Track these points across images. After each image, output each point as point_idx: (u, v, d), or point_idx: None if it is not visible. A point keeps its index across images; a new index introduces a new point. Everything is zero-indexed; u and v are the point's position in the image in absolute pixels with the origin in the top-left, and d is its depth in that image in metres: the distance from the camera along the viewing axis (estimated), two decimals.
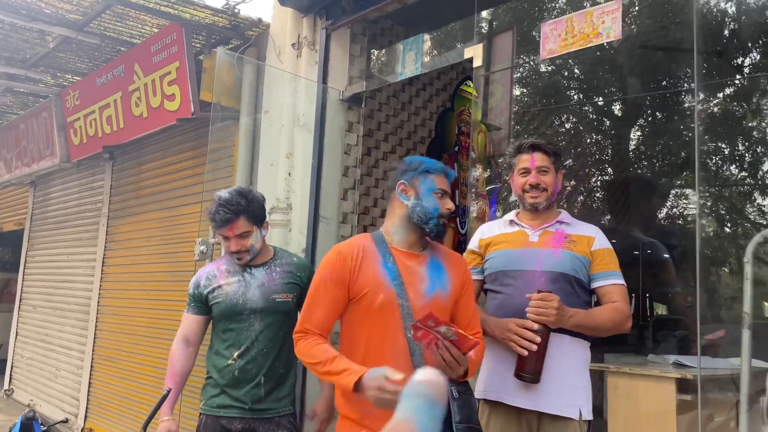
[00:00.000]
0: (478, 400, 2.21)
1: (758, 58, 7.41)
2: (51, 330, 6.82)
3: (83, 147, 5.78)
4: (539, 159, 2.21)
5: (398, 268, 1.92)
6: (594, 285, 2.15)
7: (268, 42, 4.17)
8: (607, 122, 9.18)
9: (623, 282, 2.16)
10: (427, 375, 1.00)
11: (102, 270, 6.00)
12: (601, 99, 8.44)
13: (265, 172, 3.96)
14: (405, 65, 3.42)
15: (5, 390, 7.43)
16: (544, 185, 2.19)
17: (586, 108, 8.78)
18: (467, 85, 5.00)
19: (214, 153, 4.29)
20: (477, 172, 4.56)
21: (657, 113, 8.48)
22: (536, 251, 2.16)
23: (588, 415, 2.10)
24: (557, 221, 2.23)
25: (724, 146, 8.73)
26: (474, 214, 4.28)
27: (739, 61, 7.36)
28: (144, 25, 4.44)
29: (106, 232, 6.03)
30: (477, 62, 3.07)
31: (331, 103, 3.80)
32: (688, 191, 8.78)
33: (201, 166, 4.67)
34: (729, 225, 9.53)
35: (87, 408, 5.88)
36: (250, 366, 2.41)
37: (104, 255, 6.01)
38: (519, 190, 2.26)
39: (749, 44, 7.08)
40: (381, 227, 2.03)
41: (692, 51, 2.73)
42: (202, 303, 2.50)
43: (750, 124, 8.33)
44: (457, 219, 4.77)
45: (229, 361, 2.41)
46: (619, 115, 8.93)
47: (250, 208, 2.43)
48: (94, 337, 5.94)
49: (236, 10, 4.09)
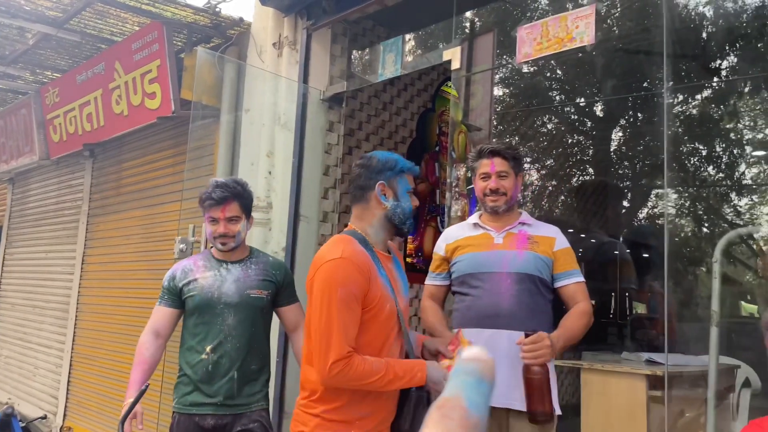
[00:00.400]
0: None
1: (735, 61, 7.55)
2: (29, 328, 6.76)
3: (63, 144, 5.74)
4: (499, 164, 2.26)
5: (386, 272, 1.92)
6: (557, 284, 2.23)
7: (249, 41, 4.18)
8: (588, 123, 9.30)
9: (583, 279, 2.25)
10: (474, 352, 0.99)
11: (82, 268, 5.97)
12: (582, 100, 8.54)
13: (245, 171, 3.97)
14: (385, 66, 3.45)
15: None
16: (503, 190, 2.25)
17: (567, 109, 8.88)
18: (448, 85, 5.05)
19: (194, 151, 4.29)
20: (458, 172, 4.61)
21: (638, 114, 8.61)
22: (502, 253, 2.22)
23: (557, 409, 2.13)
24: (519, 222, 2.30)
25: (702, 147, 8.89)
26: (457, 214, 4.33)
27: (716, 64, 7.50)
28: (125, 22, 4.42)
29: (86, 230, 5.99)
30: (455, 65, 3.12)
31: (311, 102, 3.83)
32: (668, 191, 8.92)
33: (181, 164, 4.67)
34: (707, 225, 9.70)
35: (66, 406, 5.85)
36: (224, 360, 2.40)
37: (84, 253, 5.97)
38: (480, 194, 2.32)
39: (726, 48, 7.21)
40: (355, 227, 1.97)
41: (670, 55, 2.80)
42: (175, 296, 2.49)
43: (727, 126, 8.49)
44: (438, 218, 4.82)
45: (203, 356, 2.40)
46: (600, 116, 9.05)
47: (244, 195, 2.49)
48: (74, 336, 5.90)
49: (217, 9, 4.09)
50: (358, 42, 4.25)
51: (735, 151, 8.82)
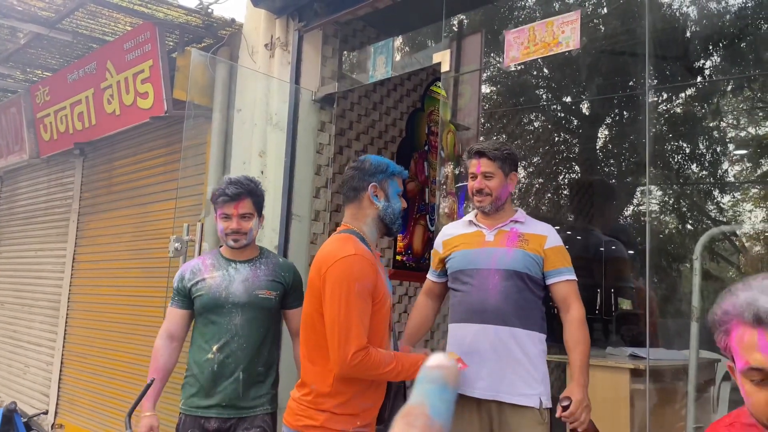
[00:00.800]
0: None
1: (718, 61, 7.69)
2: (19, 326, 6.76)
3: (53, 143, 5.75)
4: (484, 165, 2.31)
5: (381, 270, 2.04)
6: (548, 282, 2.26)
7: (240, 41, 4.22)
8: (575, 121, 9.41)
9: (574, 277, 2.27)
10: (438, 360, 1.04)
11: (72, 266, 5.98)
12: (569, 99, 8.64)
13: (237, 170, 4.02)
14: (376, 68, 3.52)
15: None
16: (488, 190, 2.30)
17: (554, 107, 8.98)
18: (437, 86, 5.12)
19: (186, 150, 4.33)
20: (446, 171, 4.69)
21: (624, 112, 8.73)
22: (491, 250, 2.27)
23: (548, 403, 2.21)
24: (512, 221, 2.34)
25: (686, 146, 9.03)
26: (444, 211, 4.41)
27: (700, 64, 7.64)
28: (117, 23, 4.45)
29: (77, 228, 6.01)
30: (445, 67, 3.19)
31: (303, 103, 3.88)
32: (652, 188, 9.06)
33: (173, 164, 4.71)
34: (691, 222, 9.85)
35: (57, 404, 5.87)
36: (230, 360, 2.40)
37: (75, 251, 5.99)
38: (469, 193, 2.38)
39: (709, 48, 7.35)
40: (351, 227, 2.07)
41: (653, 55, 2.89)
42: (185, 297, 2.49)
43: (711, 124, 8.63)
44: (427, 217, 4.90)
45: (209, 355, 2.40)
46: (586, 114, 9.17)
47: (257, 193, 2.52)
48: (65, 334, 5.92)
49: (210, 10, 4.13)
50: (348, 43, 4.30)
51: (718, 149, 8.97)
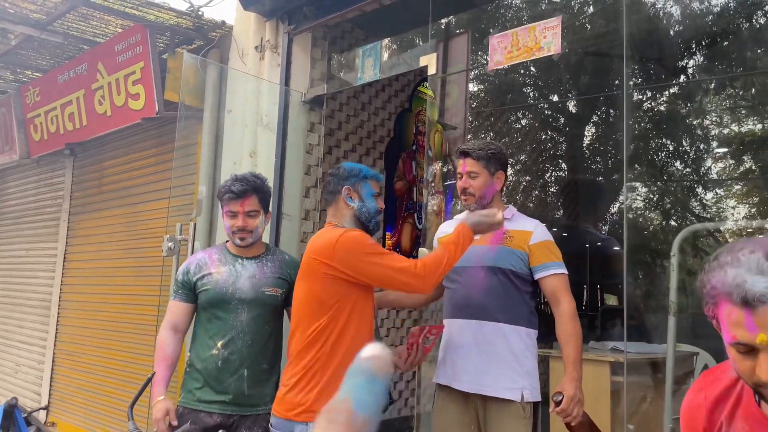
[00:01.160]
0: (435, 384, 2.43)
1: (702, 60, 7.85)
2: (10, 326, 6.78)
3: (44, 143, 5.78)
4: (468, 164, 2.37)
5: None
6: (536, 277, 2.30)
7: (231, 43, 4.29)
8: (561, 120, 9.55)
9: (562, 270, 2.28)
10: (372, 350, 0.98)
11: (64, 265, 6.02)
12: (556, 98, 8.76)
13: (228, 170, 4.08)
14: (364, 71, 3.60)
15: None
16: (472, 190, 2.36)
17: (542, 106, 9.11)
18: (425, 86, 5.21)
19: (179, 150, 4.39)
20: (434, 169, 4.78)
21: (610, 111, 8.87)
22: (477, 248, 2.33)
23: (531, 397, 2.24)
24: None
25: (669, 143, 9.19)
26: (432, 209, 4.50)
27: (683, 63, 7.79)
28: (108, 25, 4.49)
29: (68, 227, 6.05)
30: (431, 70, 3.27)
31: (293, 104, 3.95)
32: (636, 185, 9.22)
33: (164, 164, 4.76)
34: (675, 219, 10.02)
35: (49, 402, 5.91)
36: (234, 357, 2.38)
37: (66, 250, 6.03)
38: (458, 192, 2.46)
39: (692, 47, 7.50)
40: (334, 224, 2.24)
41: (630, 57, 2.98)
42: (189, 290, 2.47)
43: (694, 122, 8.79)
44: (415, 215, 4.99)
45: (213, 351, 2.39)
46: (573, 113, 9.31)
47: (263, 189, 2.51)
48: (56, 332, 5.96)
49: (200, 13, 4.19)
50: (337, 44, 4.37)
51: (701, 147, 9.13)
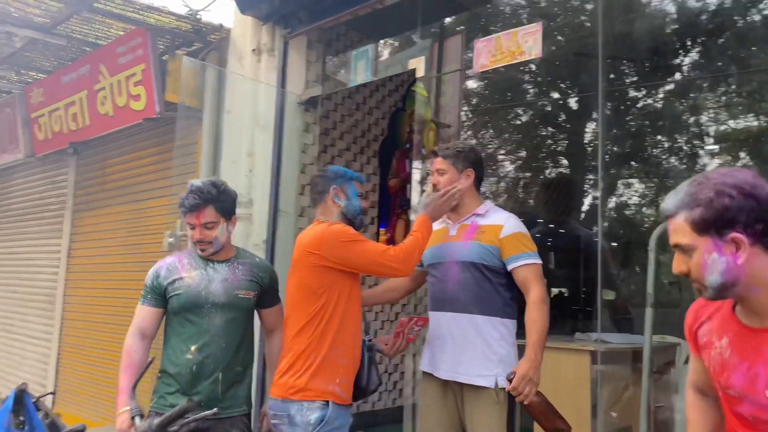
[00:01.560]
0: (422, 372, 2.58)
1: (696, 57, 7.95)
2: (15, 320, 6.95)
3: (48, 142, 5.93)
4: (437, 163, 2.52)
5: None
6: (508, 268, 2.39)
7: (229, 46, 4.43)
8: (561, 116, 9.65)
9: (533, 260, 2.34)
10: None
11: (68, 261, 6.17)
12: (546, 99, 8.86)
13: (227, 169, 4.23)
14: (357, 73, 3.74)
15: None
16: (440, 186, 2.48)
17: (538, 103, 9.21)
18: (418, 85, 5.33)
19: (179, 149, 4.54)
20: (427, 167, 4.92)
21: (605, 109, 8.96)
22: (451, 245, 2.47)
23: (505, 383, 2.32)
24: (473, 214, 2.49)
25: (664, 140, 9.30)
26: None
27: (679, 60, 7.89)
28: (110, 28, 4.64)
29: (71, 224, 6.20)
30: (419, 73, 3.41)
31: (289, 106, 4.08)
32: (633, 182, 9.34)
33: (165, 162, 4.91)
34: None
35: (55, 394, 6.06)
36: (209, 361, 2.35)
37: (70, 247, 6.18)
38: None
39: (687, 44, 7.60)
40: (323, 221, 2.39)
41: (631, 58, 3.09)
42: (159, 295, 2.42)
43: (690, 120, 8.90)
44: (408, 212, 5.12)
45: (188, 355, 2.34)
46: (574, 109, 9.41)
47: (220, 198, 2.40)
48: (61, 326, 6.12)
49: (198, 16, 4.34)
50: (332, 46, 4.50)
51: (695, 143, 9.24)
